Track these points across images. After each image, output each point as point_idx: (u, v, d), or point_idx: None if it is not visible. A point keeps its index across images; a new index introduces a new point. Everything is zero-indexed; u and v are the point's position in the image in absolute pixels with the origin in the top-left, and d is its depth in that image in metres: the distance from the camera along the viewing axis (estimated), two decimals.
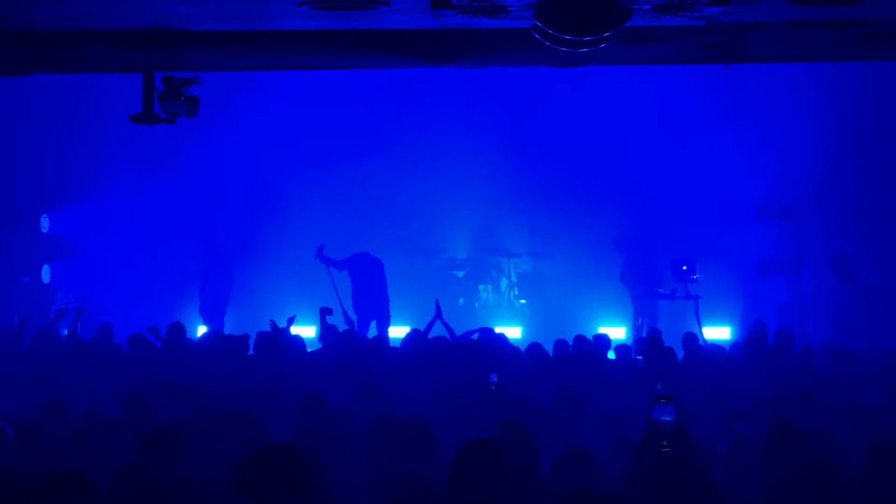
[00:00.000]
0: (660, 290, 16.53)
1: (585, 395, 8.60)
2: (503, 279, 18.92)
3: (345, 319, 13.96)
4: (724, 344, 13.27)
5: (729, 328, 16.89)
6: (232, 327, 15.80)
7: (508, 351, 11.18)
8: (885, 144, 16.59)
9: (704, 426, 7.55)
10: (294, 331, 12.15)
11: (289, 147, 18.16)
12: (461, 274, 18.79)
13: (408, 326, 14.96)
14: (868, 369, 10.34)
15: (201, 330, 16.08)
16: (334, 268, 15.97)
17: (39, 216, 17.51)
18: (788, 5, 8.49)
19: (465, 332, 12.72)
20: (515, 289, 18.83)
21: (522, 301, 18.70)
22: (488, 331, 12.47)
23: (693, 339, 11.95)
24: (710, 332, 15.83)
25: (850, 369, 10.26)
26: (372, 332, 15.29)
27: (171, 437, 6.62)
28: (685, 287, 16.03)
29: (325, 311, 12.66)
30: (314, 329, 12.68)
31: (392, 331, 15.63)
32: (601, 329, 15.09)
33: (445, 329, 12.62)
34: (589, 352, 11.18)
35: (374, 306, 15.88)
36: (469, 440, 5.55)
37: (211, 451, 6.57)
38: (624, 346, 11.94)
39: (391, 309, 16.11)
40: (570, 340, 11.47)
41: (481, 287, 18.83)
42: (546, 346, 11.15)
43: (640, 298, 16.70)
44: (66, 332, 12.74)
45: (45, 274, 17.45)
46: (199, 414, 7.62)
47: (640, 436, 6.15)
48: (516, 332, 16.93)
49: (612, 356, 11.56)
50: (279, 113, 17.92)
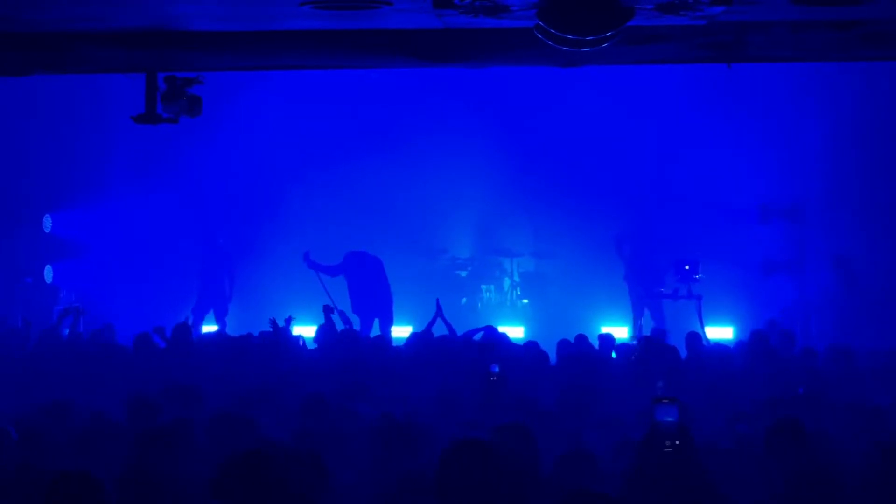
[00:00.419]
0: (662, 289, 16.54)
1: (589, 395, 8.59)
2: (506, 279, 18.92)
3: (342, 319, 13.94)
4: (728, 343, 13.28)
5: (731, 328, 16.88)
6: (233, 327, 15.80)
7: (511, 350, 11.17)
8: (889, 145, 16.57)
9: (707, 426, 7.54)
10: (294, 331, 12.16)
11: (291, 147, 18.17)
12: (464, 274, 18.80)
13: (410, 326, 14.99)
14: (871, 370, 10.33)
15: (205, 330, 16.07)
16: (325, 274, 15.94)
17: (42, 216, 17.50)
18: (790, 5, 8.48)
19: (468, 330, 12.69)
20: (518, 288, 18.84)
21: (525, 301, 18.71)
22: (491, 329, 12.47)
23: (696, 339, 11.94)
24: (713, 332, 15.84)
25: (853, 370, 10.25)
26: (375, 331, 15.29)
27: (172, 436, 6.62)
28: (687, 287, 16.04)
29: (328, 310, 12.66)
30: (314, 329, 12.68)
31: (395, 330, 15.64)
32: (604, 329, 15.08)
33: (446, 327, 12.62)
34: (592, 352, 11.18)
35: (376, 305, 15.84)
36: (454, 440, 5.55)
37: (211, 450, 6.57)
38: (625, 345, 11.93)
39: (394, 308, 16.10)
40: (572, 340, 11.46)
41: (484, 287, 18.84)
42: (548, 345, 11.14)
43: (642, 298, 16.70)
44: (68, 333, 12.73)
45: (48, 274, 17.44)
46: (201, 414, 7.62)
47: (641, 436, 6.14)
48: (519, 331, 16.93)
49: (614, 356, 11.55)
50: (281, 113, 17.94)
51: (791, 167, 17.11)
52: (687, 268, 15.97)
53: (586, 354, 10.84)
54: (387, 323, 15.78)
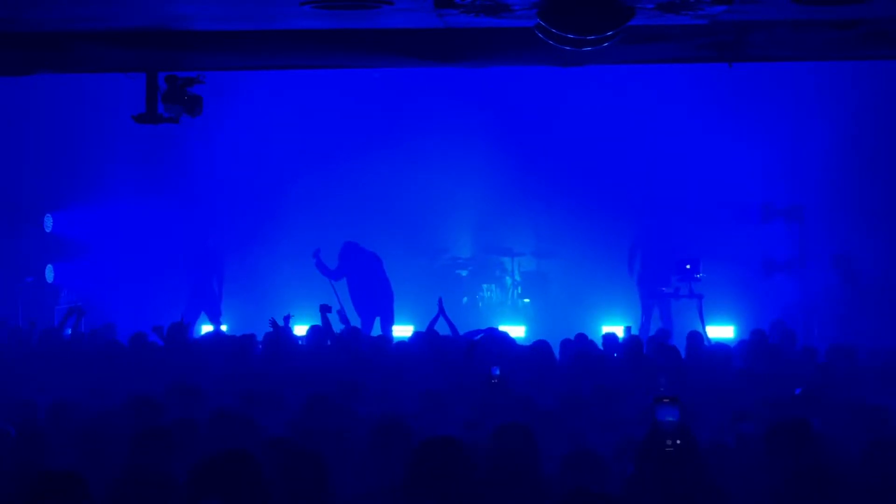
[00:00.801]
0: (664, 288, 16.53)
1: (593, 395, 8.58)
2: (507, 278, 18.92)
3: (340, 318, 13.92)
4: (729, 343, 13.27)
5: (733, 327, 16.88)
6: (234, 326, 15.80)
7: (513, 350, 11.16)
8: (890, 144, 16.58)
9: (708, 426, 7.54)
10: (295, 330, 12.16)
11: (292, 146, 18.18)
12: (465, 273, 18.79)
13: (411, 325, 14.99)
14: (872, 368, 10.33)
15: (205, 329, 16.08)
16: (330, 278, 15.92)
17: (43, 216, 17.51)
18: (791, 4, 8.47)
19: (469, 331, 12.69)
20: (519, 288, 18.84)
21: (526, 300, 18.70)
22: (493, 331, 12.45)
23: (698, 339, 11.93)
24: (714, 331, 15.84)
25: (855, 368, 10.24)
26: (376, 330, 15.28)
27: (172, 436, 6.61)
28: (689, 286, 16.04)
29: (325, 309, 12.65)
30: (306, 328, 12.69)
31: (396, 330, 15.63)
32: (605, 328, 15.07)
33: (448, 326, 12.61)
34: (595, 351, 11.17)
35: (378, 304, 15.83)
36: (424, 439, 5.56)
37: (211, 450, 6.55)
38: (626, 345, 11.91)
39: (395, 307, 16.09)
40: (572, 339, 11.46)
41: (485, 286, 18.83)
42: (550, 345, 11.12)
43: (650, 298, 16.70)
44: (69, 332, 12.74)
45: (49, 274, 17.45)
46: (202, 413, 7.62)
47: (643, 435, 6.14)
48: (520, 331, 16.93)
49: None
50: (282, 113, 17.94)
51: (793, 167, 17.10)
52: (688, 267, 15.97)
53: (590, 354, 10.82)
54: (388, 322, 15.78)
